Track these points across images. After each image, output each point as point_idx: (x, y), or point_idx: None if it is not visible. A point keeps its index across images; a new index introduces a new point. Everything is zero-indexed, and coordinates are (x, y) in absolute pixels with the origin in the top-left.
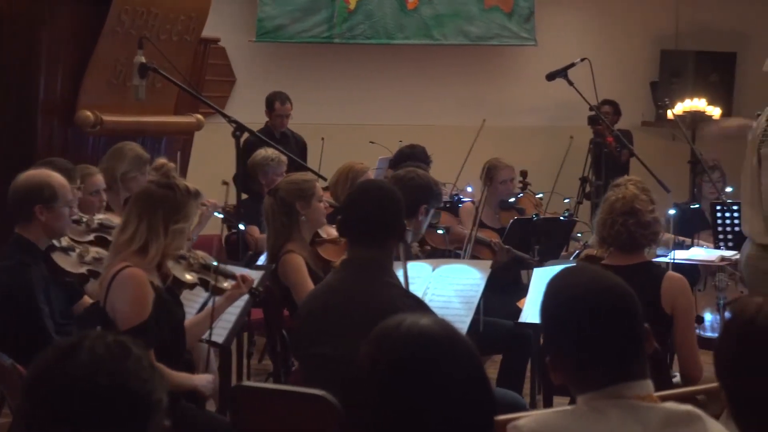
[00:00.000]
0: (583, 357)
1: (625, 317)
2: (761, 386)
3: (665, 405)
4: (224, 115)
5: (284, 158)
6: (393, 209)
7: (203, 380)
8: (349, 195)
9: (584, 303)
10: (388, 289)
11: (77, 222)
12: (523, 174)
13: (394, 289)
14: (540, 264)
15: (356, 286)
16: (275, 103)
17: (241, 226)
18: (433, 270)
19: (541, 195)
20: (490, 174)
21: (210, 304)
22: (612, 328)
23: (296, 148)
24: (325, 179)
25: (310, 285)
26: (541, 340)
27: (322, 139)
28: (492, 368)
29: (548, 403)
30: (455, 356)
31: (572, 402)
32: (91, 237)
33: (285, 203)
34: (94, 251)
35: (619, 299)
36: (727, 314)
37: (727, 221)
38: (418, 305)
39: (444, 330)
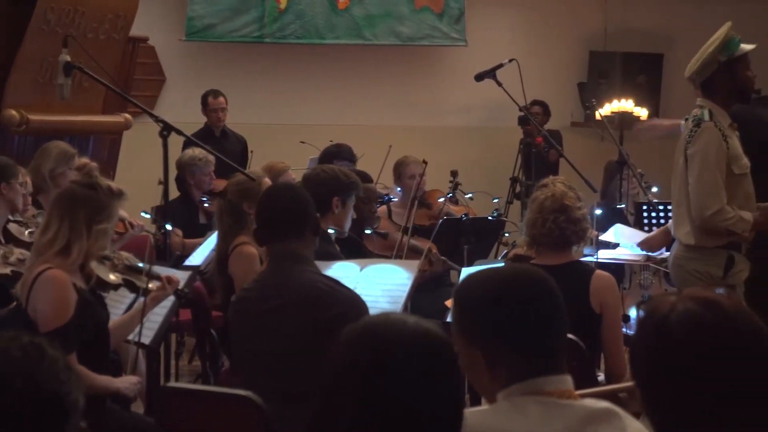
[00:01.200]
0: (501, 353)
1: (544, 312)
2: (673, 385)
3: (585, 402)
4: (151, 115)
5: (212, 158)
6: (301, 202)
7: (126, 382)
8: (259, 203)
9: (501, 299)
10: (312, 275)
11: (18, 222)
12: (453, 174)
13: (315, 275)
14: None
15: (280, 279)
16: (208, 98)
17: (168, 227)
18: (361, 270)
19: (470, 195)
20: (399, 170)
21: (136, 305)
22: (531, 323)
23: (237, 147)
24: (253, 180)
25: None
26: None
27: (251, 152)
28: None
29: (476, 401)
30: (442, 358)
31: None
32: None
33: (233, 205)
34: (18, 252)
35: (536, 294)
36: (640, 312)
37: (653, 221)
38: (344, 290)
39: (434, 331)
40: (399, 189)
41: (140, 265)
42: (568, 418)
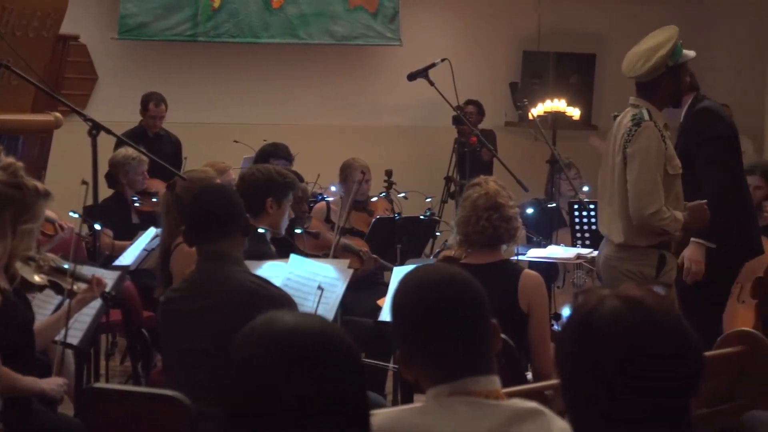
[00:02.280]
0: (428, 352)
1: (469, 311)
2: (593, 382)
3: (511, 402)
4: (80, 114)
5: (145, 157)
6: (230, 203)
7: (51, 384)
8: (188, 205)
9: (427, 297)
10: (241, 275)
11: None
12: (388, 173)
13: (244, 275)
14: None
15: (209, 278)
16: (149, 104)
17: (97, 227)
18: (292, 269)
19: (404, 194)
20: (345, 173)
21: (63, 306)
22: (455, 322)
23: (170, 148)
24: (185, 179)
25: None
26: None
27: (184, 159)
28: None
29: (408, 401)
30: (337, 352)
31: None
32: None
33: (180, 199)
34: None
35: (462, 293)
36: (568, 308)
37: (584, 220)
38: (273, 289)
39: (331, 329)
40: (335, 188)
41: (66, 266)
42: (494, 417)
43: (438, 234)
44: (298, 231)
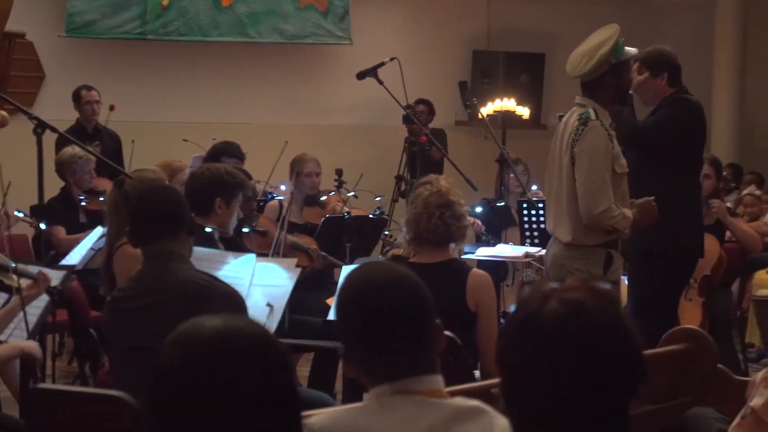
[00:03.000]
0: (371, 351)
1: (413, 312)
2: (533, 382)
3: (454, 401)
4: (24, 112)
5: (92, 156)
6: (175, 203)
7: (29, 344)
8: (132, 205)
9: (371, 297)
10: (188, 272)
11: None
12: (338, 172)
13: (192, 272)
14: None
15: (156, 276)
16: (81, 92)
17: (42, 226)
18: (241, 269)
19: (353, 193)
20: (295, 168)
21: (9, 304)
22: (399, 323)
23: (110, 144)
24: (131, 178)
25: None
26: None
27: (132, 141)
28: (307, 366)
29: (358, 400)
30: (269, 358)
31: None
32: None
33: (128, 197)
34: None
35: (406, 294)
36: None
37: (533, 218)
38: (221, 285)
39: (254, 330)
40: (284, 186)
41: (13, 264)
42: (435, 416)
43: (387, 232)
44: (245, 230)
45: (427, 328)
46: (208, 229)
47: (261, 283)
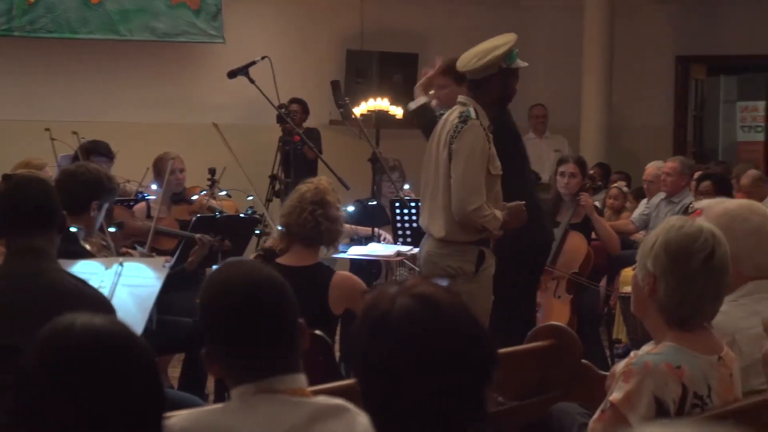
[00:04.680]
0: (232, 350)
1: (274, 311)
2: (384, 381)
3: (316, 399)
4: None
5: None
6: (51, 197)
7: None
8: (2, 194)
9: (232, 296)
10: (56, 273)
11: None
12: (211, 171)
13: (61, 273)
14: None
15: (21, 274)
16: None
17: None
18: (107, 269)
19: (225, 192)
20: (158, 166)
21: None
22: (259, 322)
23: None
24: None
25: None
26: None
27: None
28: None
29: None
30: (131, 358)
31: None
32: None
33: None
34: None
35: (267, 293)
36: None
37: (406, 217)
38: (89, 289)
39: (119, 330)
40: (155, 186)
41: None
42: (297, 415)
43: (258, 232)
44: (112, 230)
45: (290, 328)
46: (73, 229)
47: (128, 284)
